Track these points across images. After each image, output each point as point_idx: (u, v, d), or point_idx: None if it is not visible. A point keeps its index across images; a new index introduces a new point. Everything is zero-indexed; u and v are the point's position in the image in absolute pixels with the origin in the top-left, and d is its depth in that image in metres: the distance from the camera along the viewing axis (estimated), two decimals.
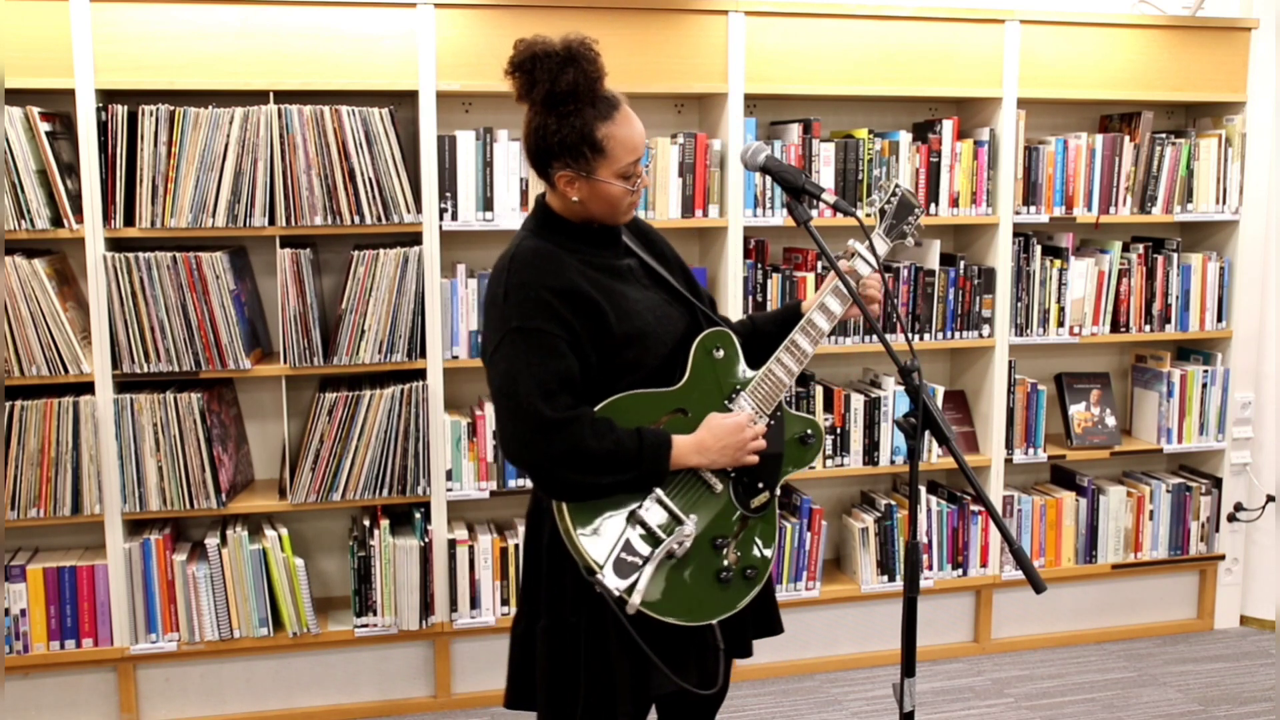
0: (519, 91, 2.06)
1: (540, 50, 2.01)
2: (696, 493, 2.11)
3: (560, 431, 1.96)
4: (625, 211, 2.12)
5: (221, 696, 3.40)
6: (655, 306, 2.14)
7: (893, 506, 3.75)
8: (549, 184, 2.11)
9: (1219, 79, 3.85)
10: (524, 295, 2.00)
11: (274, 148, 3.13)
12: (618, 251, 2.17)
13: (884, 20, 3.54)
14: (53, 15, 3.03)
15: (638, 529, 2.03)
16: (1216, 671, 3.77)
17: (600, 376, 2.06)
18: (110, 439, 3.15)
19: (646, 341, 2.09)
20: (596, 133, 2.03)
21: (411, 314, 3.27)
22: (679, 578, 2.06)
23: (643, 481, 2.04)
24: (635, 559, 2.01)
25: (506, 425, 2.00)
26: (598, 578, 1.98)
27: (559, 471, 1.98)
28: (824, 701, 3.55)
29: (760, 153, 2.22)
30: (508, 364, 1.99)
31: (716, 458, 2.09)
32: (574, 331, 2.02)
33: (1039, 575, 1.95)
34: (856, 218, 2.18)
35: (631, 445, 2.01)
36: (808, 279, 3.57)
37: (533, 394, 1.96)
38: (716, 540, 2.11)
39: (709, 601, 2.09)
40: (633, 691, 2.08)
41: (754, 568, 2.14)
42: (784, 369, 2.17)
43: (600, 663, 2.09)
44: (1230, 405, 4.00)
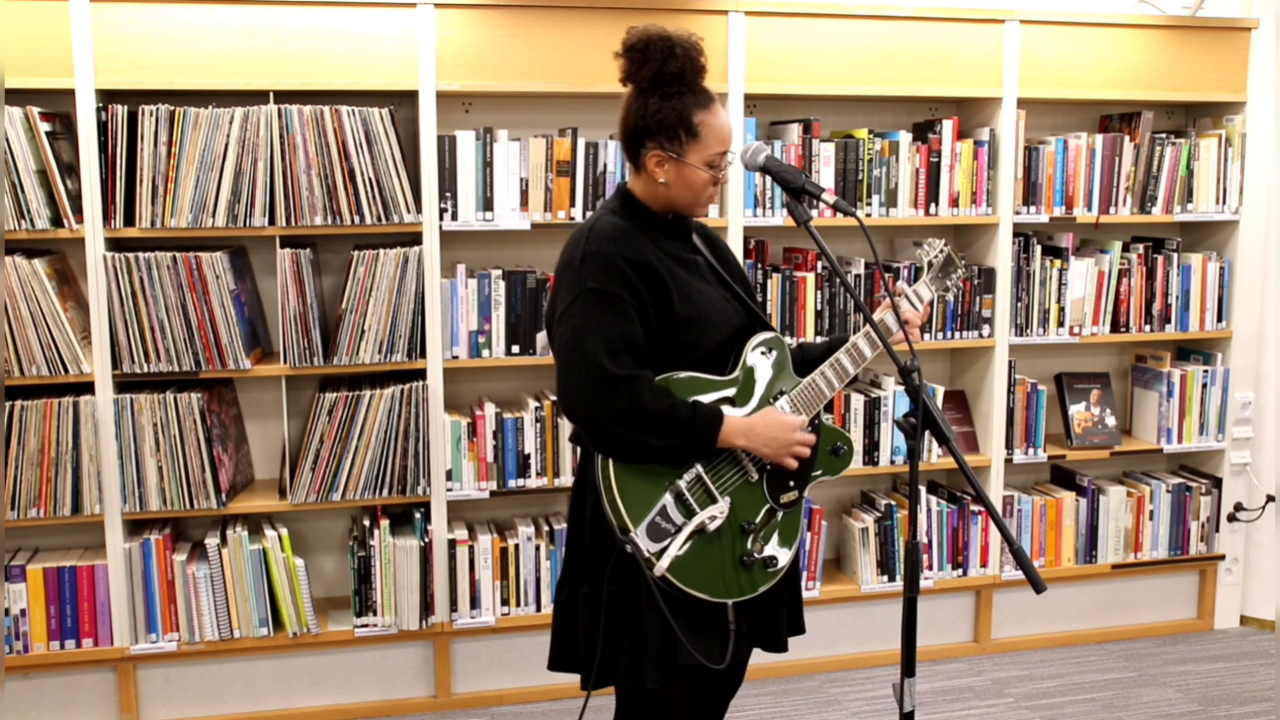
0: (626, 71, 2.18)
1: (655, 34, 2.14)
2: (733, 477, 2.20)
3: (621, 387, 2.06)
4: (704, 202, 2.24)
5: (221, 696, 3.40)
6: (715, 299, 2.24)
7: (893, 506, 3.75)
8: (637, 165, 2.22)
9: (1219, 79, 3.85)
10: (601, 261, 2.10)
11: (274, 148, 3.13)
12: (688, 245, 2.28)
13: (884, 20, 3.54)
14: (53, 15, 3.03)
15: (675, 498, 2.13)
16: (1216, 671, 3.77)
17: (658, 351, 2.16)
18: (110, 439, 3.15)
19: (704, 327, 2.18)
20: (694, 117, 2.16)
21: (411, 314, 3.27)
22: (706, 553, 2.15)
23: (690, 450, 2.13)
24: (669, 526, 2.12)
25: (570, 378, 2.09)
26: (631, 536, 2.08)
27: (614, 427, 2.07)
28: (824, 701, 3.55)
29: (760, 153, 2.24)
30: (578, 320, 2.09)
31: (760, 447, 2.18)
32: (642, 301, 2.11)
33: (1039, 575, 1.97)
34: (856, 218, 2.21)
35: (685, 412, 2.11)
36: (807, 279, 3.57)
37: (599, 350, 2.06)
38: (745, 525, 2.20)
39: (730, 582, 2.18)
40: (661, 659, 2.15)
41: (774, 560, 2.24)
42: (827, 381, 2.29)
43: (635, 630, 2.17)
44: (1230, 405, 4.00)
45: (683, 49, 2.14)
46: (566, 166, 3.36)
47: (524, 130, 3.47)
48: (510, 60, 3.29)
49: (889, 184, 3.60)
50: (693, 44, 2.16)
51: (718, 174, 2.20)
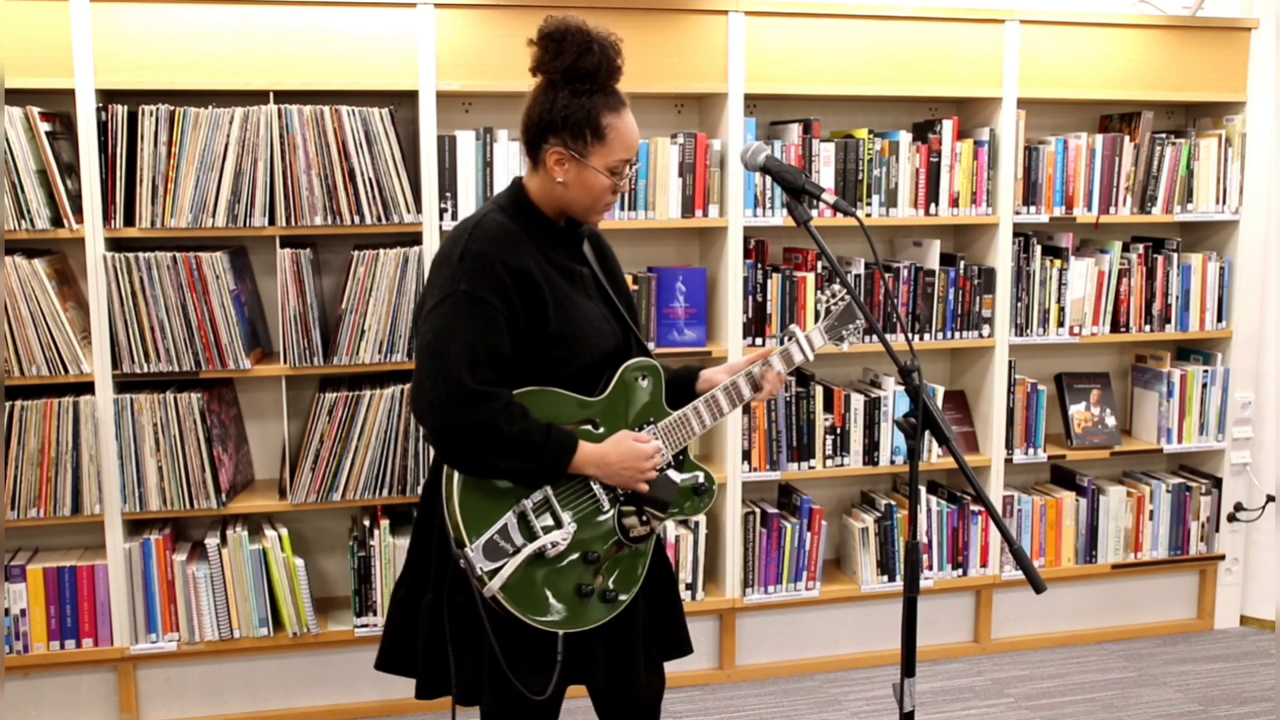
0: (539, 60, 2.10)
1: (574, 25, 2.06)
2: (584, 505, 2.13)
3: (476, 404, 1.98)
4: (600, 209, 2.16)
5: (221, 696, 3.40)
6: (594, 317, 2.16)
7: (893, 506, 3.75)
8: (535, 162, 2.14)
9: (1219, 79, 3.85)
10: (479, 263, 2.01)
11: (274, 148, 3.13)
12: (575, 256, 2.20)
13: (884, 20, 3.54)
14: (53, 15, 3.03)
15: (519, 519, 2.06)
16: (1216, 671, 3.77)
17: (525, 364, 2.08)
18: (110, 439, 3.15)
19: (576, 345, 2.11)
20: (602, 119, 2.08)
21: (411, 314, 3.27)
22: (542, 579, 2.08)
23: (540, 476, 2.07)
24: (507, 545, 2.04)
25: (424, 382, 2.00)
26: (465, 550, 2.01)
27: (463, 442, 1.99)
28: (824, 701, 3.55)
29: (760, 153, 2.23)
30: (444, 323, 2.00)
31: (612, 475, 2.12)
32: (514, 311, 2.04)
33: (1039, 575, 1.96)
34: (856, 217, 2.19)
35: (539, 437, 2.03)
36: (807, 279, 3.57)
37: (460, 359, 1.97)
38: (589, 555, 2.12)
39: (564, 611, 2.09)
40: (494, 682, 2.09)
41: (615, 593, 2.15)
42: (698, 418, 2.23)
43: (474, 647, 2.11)
44: (1230, 405, 4.00)
45: (600, 46, 2.06)
46: None
47: None
48: (510, 60, 3.29)
49: (889, 184, 3.60)
50: (611, 43, 2.08)
51: (618, 181, 2.12)
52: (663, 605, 2.32)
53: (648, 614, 2.27)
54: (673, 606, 2.35)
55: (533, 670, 2.09)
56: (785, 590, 3.66)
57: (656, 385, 2.22)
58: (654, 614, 2.30)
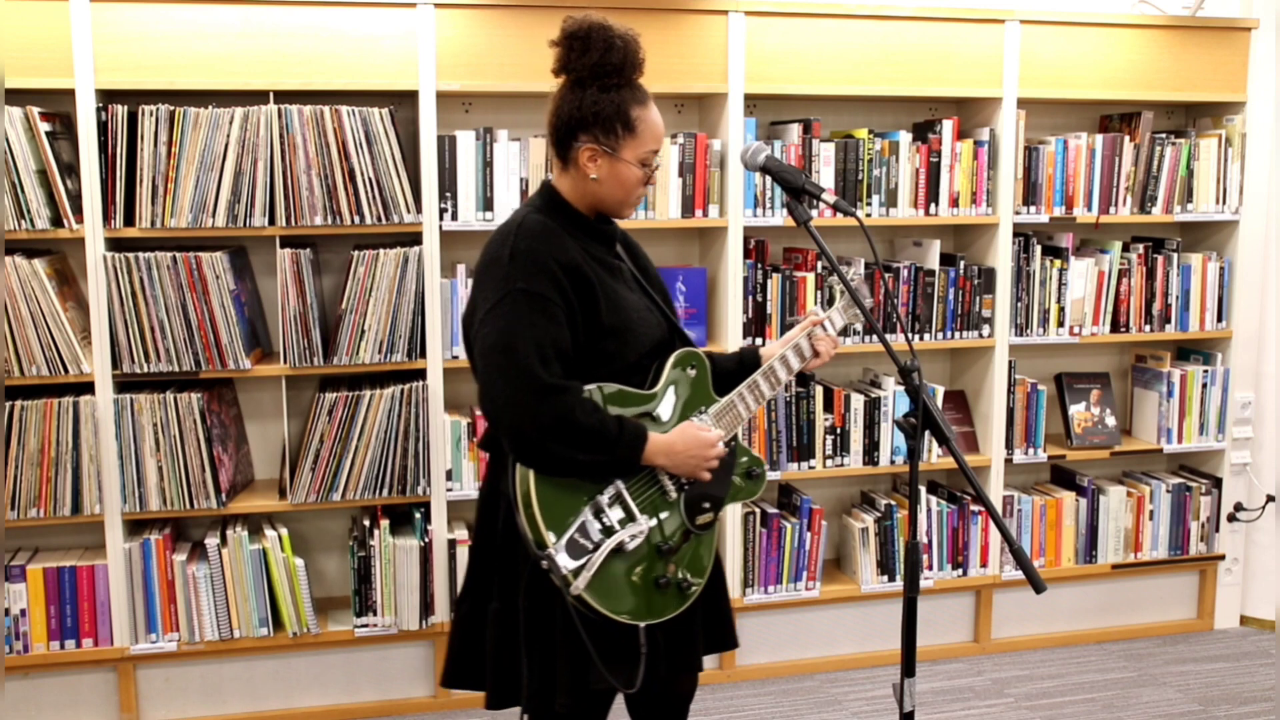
0: (563, 60, 2.12)
1: (597, 23, 2.10)
2: (653, 495, 2.15)
3: (553, 397, 1.98)
4: (633, 202, 2.18)
5: (221, 696, 3.40)
6: (639, 308, 2.19)
7: (893, 506, 3.75)
8: (565, 160, 2.15)
9: (1219, 79, 3.85)
10: (531, 260, 2.02)
11: (274, 148, 3.13)
12: (612, 250, 2.22)
13: (884, 20, 3.54)
14: (53, 15, 3.03)
15: (595, 515, 2.06)
16: (1216, 671, 3.77)
17: (580, 359, 2.08)
18: (110, 439, 3.15)
19: (627, 337, 2.13)
20: (631, 112, 2.11)
21: (411, 314, 3.27)
22: (621, 574, 2.09)
23: (615, 467, 2.08)
24: (588, 543, 2.04)
25: (497, 383, 1.99)
26: (549, 553, 2.00)
27: (541, 438, 1.99)
28: (824, 701, 3.55)
29: (760, 153, 2.23)
30: (506, 322, 2.00)
31: (679, 464, 2.14)
32: (571, 306, 2.05)
33: (1039, 575, 1.96)
34: (856, 218, 2.20)
35: (613, 429, 2.05)
36: (807, 279, 3.57)
37: (530, 355, 1.98)
38: (661, 546, 2.14)
39: (645, 604, 2.11)
40: (571, 683, 2.09)
41: (689, 581, 2.17)
42: (744, 404, 2.25)
43: (545, 651, 2.11)
44: (1230, 405, 4.00)
45: (623, 41, 2.10)
46: None
47: (524, 130, 3.47)
48: (510, 60, 3.29)
49: (889, 184, 3.60)
50: (633, 38, 2.12)
51: (649, 173, 2.16)
52: (713, 598, 2.33)
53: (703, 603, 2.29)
54: (721, 599, 2.36)
55: (617, 665, 2.10)
56: (785, 590, 3.66)
57: (703, 374, 2.25)
58: (707, 604, 2.31)
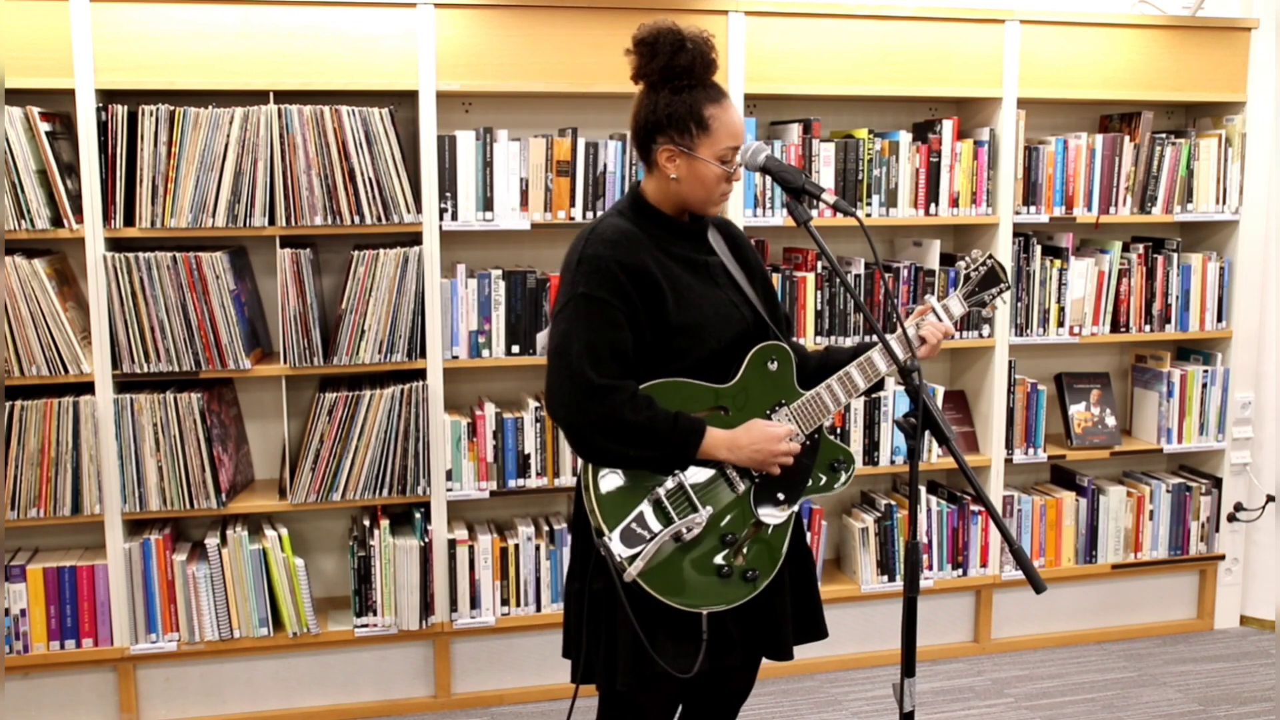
0: (637, 67, 2.18)
1: (666, 28, 2.14)
2: (719, 487, 2.19)
3: (601, 397, 2.06)
4: (717, 200, 2.22)
5: (221, 696, 3.40)
6: (719, 304, 2.22)
7: (893, 506, 3.75)
8: (648, 162, 2.21)
9: (1219, 79, 3.85)
10: (595, 265, 2.10)
11: (274, 148, 3.13)
12: (699, 247, 2.26)
13: (884, 20, 3.54)
14: (53, 15, 3.03)
15: (654, 505, 2.12)
16: (1216, 671, 3.77)
17: (651, 357, 2.15)
18: (110, 439, 3.15)
19: (699, 333, 2.17)
20: (704, 111, 2.15)
21: (411, 314, 3.27)
22: (682, 561, 2.14)
23: (669, 462, 2.13)
24: (644, 532, 2.11)
25: (554, 383, 2.11)
26: (605, 539, 2.09)
27: (592, 435, 2.08)
28: (824, 701, 3.55)
29: (760, 153, 2.23)
30: (567, 325, 2.10)
31: (745, 458, 2.17)
32: (634, 307, 2.11)
33: (1039, 575, 1.96)
34: (856, 218, 2.20)
35: (665, 424, 2.10)
36: (807, 279, 3.57)
37: (583, 357, 2.07)
38: (727, 536, 2.18)
39: (705, 591, 2.15)
40: (633, 663, 2.14)
41: (756, 572, 2.19)
42: (832, 395, 2.26)
43: (610, 631, 2.16)
44: (1230, 405, 4.00)
45: (693, 43, 2.14)
46: (566, 166, 3.36)
47: (524, 130, 3.47)
48: (510, 60, 3.29)
49: (889, 184, 3.61)
50: (704, 39, 2.16)
51: (730, 169, 2.19)
52: (801, 586, 2.35)
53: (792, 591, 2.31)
54: (810, 588, 2.38)
55: (676, 650, 2.14)
56: None
57: (785, 366, 2.25)
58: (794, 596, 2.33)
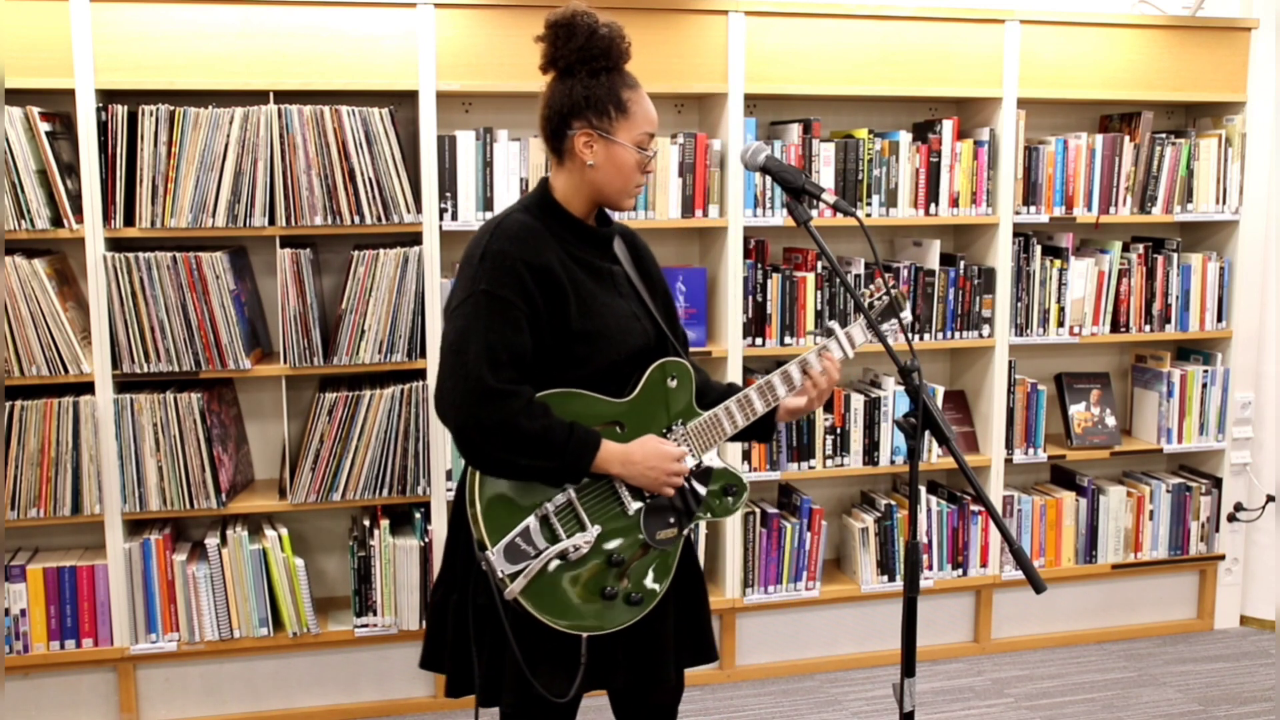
0: (550, 52, 2.12)
1: (580, 11, 2.09)
2: (608, 507, 2.11)
3: (496, 401, 1.98)
4: (631, 192, 2.15)
5: (221, 696, 3.40)
6: (621, 315, 2.15)
7: (893, 506, 3.75)
8: (560, 153, 2.14)
9: (1219, 79, 3.85)
10: (499, 262, 2.03)
11: (274, 148, 3.13)
12: (603, 254, 2.19)
13: (884, 20, 3.54)
14: (53, 15, 3.03)
15: (541, 521, 2.05)
16: (1216, 671, 3.77)
17: (548, 362, 2.08)
18: (110, 439, 3.15)
19: (599, 343, 2.10)
20: (622, 94, 2.11)
21: (411, 314, 3.27)
22: (566, 582, 2.06)
23: (561, 474, 2.05)
24: (529, 548, 2.03)
25: (446, 382, 2.01)
26: (487, 554, 2.01)
27: (484, 441, 1.99)
28: (824, 701, 3.55)
29: (760, 153, 2.22)
30: (465, 322, 2.01)
31: (637, 475, 2.10)
32: (536, 309, 2.04)
33: (1039, 575, 1.95)
34: (856, 217, 2.19)
35: (560, 435, 2.02)
36: (807, 279, 3.57)
37: (481, 358, 1.98)
38: (613, 557, 2.11)
39: (588, 613, 2.08)
40: (516, 684, 2.08)
41: (640, 595, 2.13)
42: (730, 419, 2.20)
43: (493, 649, 2.11)
44: (1230, 405, 4.00)
45: (607, 28, 2.10)
46: None
47: (524, 130, 3.47)
48: (510, 60, 3.29)
49: (889, 184, 3.61)
50: (617, 26, 2.11)
51: (646, 158, 2.13)
52: (690, 609, 2.29)
53: (677, 616, 2.25)
54: (699, 610, 2.31)
55: (555, 672, 2.08)
56: (785, 590, 3.66)
57: (686, 385, 2.19)
58: (681, 617, 2.27)
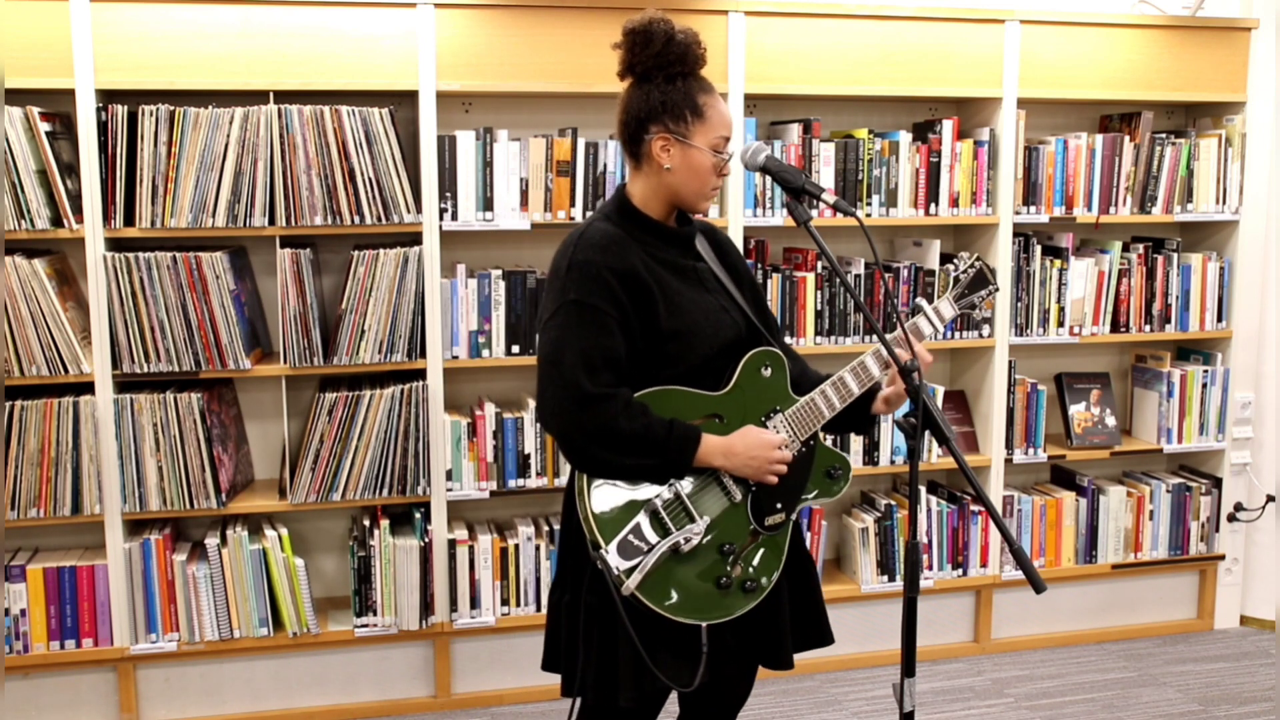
0: (627, 59, 2.16)
1: (658, 18, 2.14)
2: (715, 497, 2.15)
3: (595, 405, 2.03)
4: (709, 193, 2.19)
5: (221, 696, 3.40)
6: (710, 310, 2.19)
7: (893, 506, 3.75)
8: (637, 157, 2.18)
9: (1219, 79, 3.85)
10: (585, 271, 2.07)
11: (274, 148, 3.13)
12: (686, 252, 2.23)
13: (884, 20, 3.54)
14: (53, 15, 3.03)
15: (651, 517, 2.08)
16: (1216, 671, 3.77)
17: (643, 363, 2.12)
18: (110, 439, 3.15)
19: (691, 339, 2.14)
20: (698, 98, 2.14)
21: (411, 314, 3.27)
22: (680, 573, 2.10)
23: (665, 470, 2.09)
24: (641, 544, 2.06)
25: (546, 391, 2.07)
26: (601, 552, 2.04)
27: (587, 444, 2.04)
28: (824, 701, 3.55)
29: (760, 153, 2.23)
30: (558, 333, 2.06)
31: (740, 466, 2.14)
32: (626, 313, 2.08)
33: (1039, 575, 1.96)
34: (856, 217, 2.19)
35: (660, 432, 2.07)
36: (807, 279, 3.57)
37: (577, 365, 2.03)
38: (724, 546, 2.14)
39: (704, 603, 2.11)
40: (635, 679, 2.11)
41: (754, 582, 2.16)
42: (826, 401, 2.23)
43: (607, 645, 2.13)
44: (1230, 405, 4.00)
45: (684, 34, 2.14)
46: (566, 166, 3.36)
47: (524, 130, 3.47)
48: (510, 60, 3.29)
49: (889, 184, 3.61)
50: (693, 33, 2.16)
51: (723, 161, 2.17)
52: (803, 592, 2.32)
53: (791, 601, 2.28)
54: (813, 594, 2.34)
55: (676, 663, 2.11)
56: None
57: (779, 373, 2.23)
58: (795, 601, 2.30)
